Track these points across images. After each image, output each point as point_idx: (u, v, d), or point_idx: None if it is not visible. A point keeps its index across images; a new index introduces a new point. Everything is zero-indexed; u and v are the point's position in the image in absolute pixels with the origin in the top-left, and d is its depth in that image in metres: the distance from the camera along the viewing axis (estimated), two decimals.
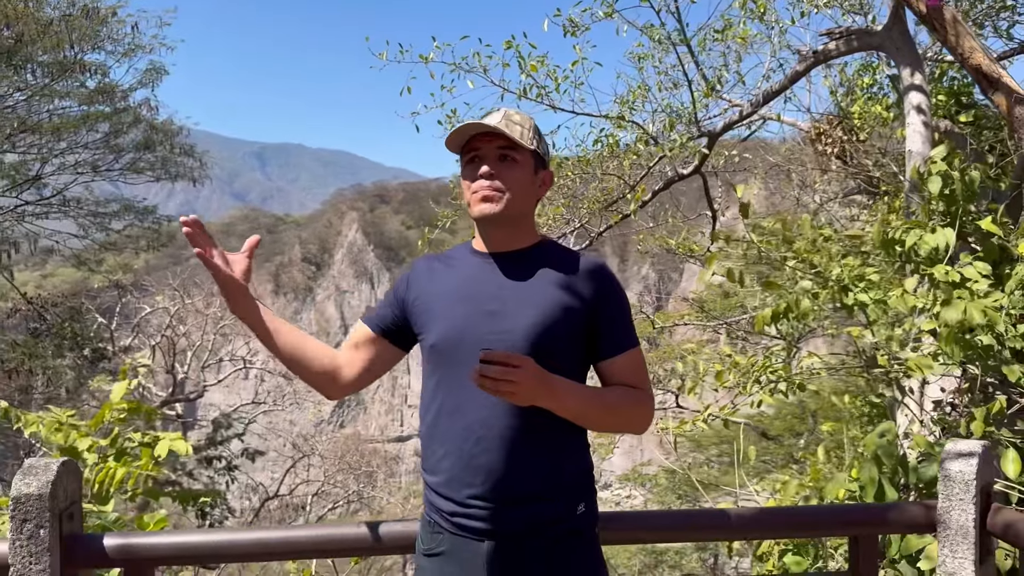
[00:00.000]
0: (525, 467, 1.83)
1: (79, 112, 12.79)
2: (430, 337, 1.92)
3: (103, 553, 2.18)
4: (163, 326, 18.33)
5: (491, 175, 1.88)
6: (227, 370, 22.32)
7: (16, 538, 2.06)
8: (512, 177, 1.89)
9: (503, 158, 1.89)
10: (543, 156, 1.97)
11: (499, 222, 1.91)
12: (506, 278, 1.91)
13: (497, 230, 1.93)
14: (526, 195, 1.92)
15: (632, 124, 6.93)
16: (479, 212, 1.89)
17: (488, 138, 1.89)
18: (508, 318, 1.85)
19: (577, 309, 1.86)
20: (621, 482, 18.92)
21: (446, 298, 1.93)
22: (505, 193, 1.88)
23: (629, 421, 1.90)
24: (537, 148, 1.93)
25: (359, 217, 75.22)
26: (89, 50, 11.60)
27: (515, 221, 1.92)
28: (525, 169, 1.91)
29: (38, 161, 13.20)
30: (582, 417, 1.83)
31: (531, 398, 1.71)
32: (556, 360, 1.80)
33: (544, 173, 1.98)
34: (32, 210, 13.52)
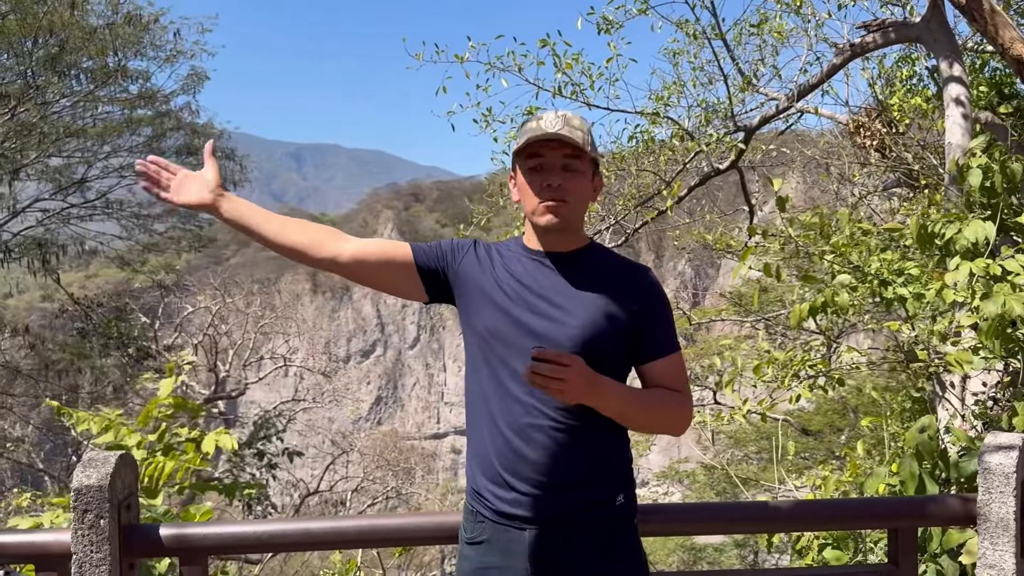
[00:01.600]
0: (567, 458, 1.89)
1: (122, 117, 13.08)
2: (480, 322, 1.97)
3: (159, 542, 2.26)
4: (205, 325, 18.65)
5: (558, 186, 1.91)
6: (267, 368, 22.65)
7: (78, 527, 2.15)
8: (575, 188, 1.93)
9: (567, 168, 1.92)
10: (597, 161, 2.02)
11: (561, 231, 1.97)
12: (559, 278, 1.96)
13: (556, 236, 1.98)
14: (585, 203, 1.99)
15: (667, 120, 6.93)
16: (546, 223, 1.93)
17: (553, 144, 1.92)
18: (559, 317, 1.91)
19: (623, 312, 1.92)
20: (659, 479, 18.86)
21: (501, 290, 1.97)
22: (569, 204, 1.93)
23: (668, 422, 1.97)
24: (594, 154, 1.98)
25: (394, 216, 75.66)
26: (132, 56, 11.88)
27: (573, 228, 1.98)
28: (585, 178, 1.96)
29: (83, 165, 13.53)
30: (624, 417, 1.90)
31: (579, 396, 1.78)
32: (602, 361, 1.86)
33: (598, 178, 2.03)
34: (77, 212, 13.86)
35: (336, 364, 63.45)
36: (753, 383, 5.29)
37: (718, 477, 16.06)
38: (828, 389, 5.14)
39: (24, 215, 13.26)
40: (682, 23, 7.02)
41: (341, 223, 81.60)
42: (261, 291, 27.55)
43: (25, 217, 13.29)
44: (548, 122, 1.93)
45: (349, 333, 70.56)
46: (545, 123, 1.93)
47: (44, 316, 22.73)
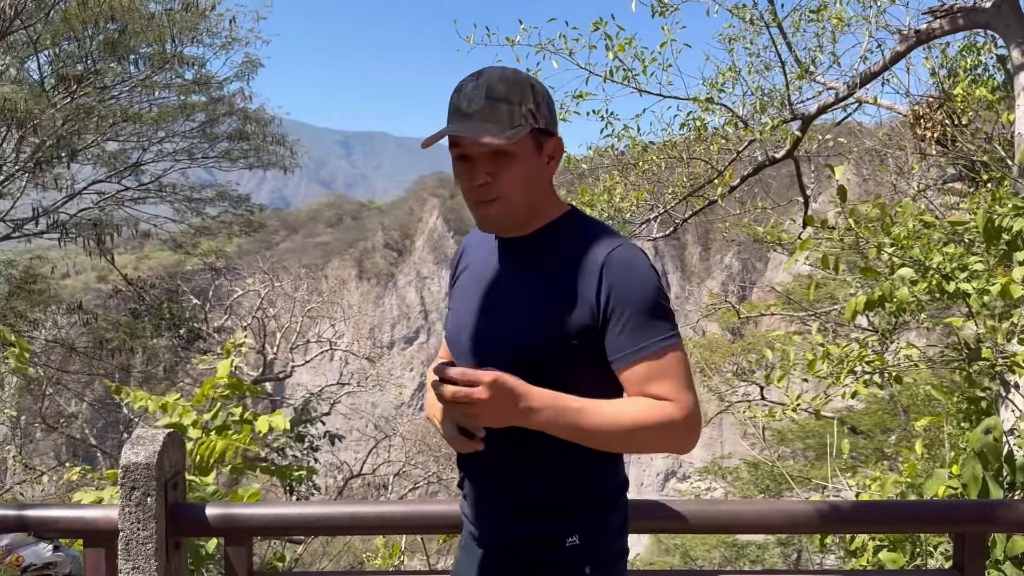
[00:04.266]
0: (508, 482, 1.65)
1: (177, 102, 13.31)
2: (446, 329, 1.75)
3: (205, 522, 2.26)
4: (254, 308, 18.93)
5: (483, 185, 1.55)
6: (313, 352, 22.91)
7: (125, 504, 2.16)
8: (508, 180, 1.55)
9: (497, 154, 1.53)
10: (544, 124, 1.57)
11: (502, 230, 1.64)
12: (511, 268, 1.65)
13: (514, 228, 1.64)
14: (532, 186, 1.58)
15: (721, 107, 6.79)
16: (481, 225, 1.63)
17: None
18: (496, 316, 1.63)
19: (576, 306, 1.54)
20: (701, 474, 18.67)
21: (463, 285, 1.76)
22: (503, 200, 1.57)
23: (654, 441, 1.53)
24: (536, 122, 1.54)
25: (440, 204, 75.98)
26: (188, 43, 12.07)
27: (518, 219, 1.61)
28: (525, 158, 1.55)
29: (138, 149, 13.82)
30: (580, 438, 1.51)
31: (498, 420, 1.46)
32: (545, 369, 1.52)
33: (550, 143, 1.59)
34: (131, 195, 14.16)
35: (380, 350, 64.10)
36: (804, 378, 5.15)
37: (762, 474, 15.83)
38: (883, 386, 4.98)
39: (80, 197, 13.60)
40: (738, 8, 6.85)
41: (389, 210, 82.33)
42: (308, 276, 27.86)
43: (81, 199, 13.62)
44: (464, 103, 1.53)
45: (393, 319, 71.19)
46: (461, 104, 1.53)
47: (99, 296, 23.33)
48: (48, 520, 2.26)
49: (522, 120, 1.53)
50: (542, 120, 1.57)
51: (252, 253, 31.54)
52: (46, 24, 10.86)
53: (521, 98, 1.54)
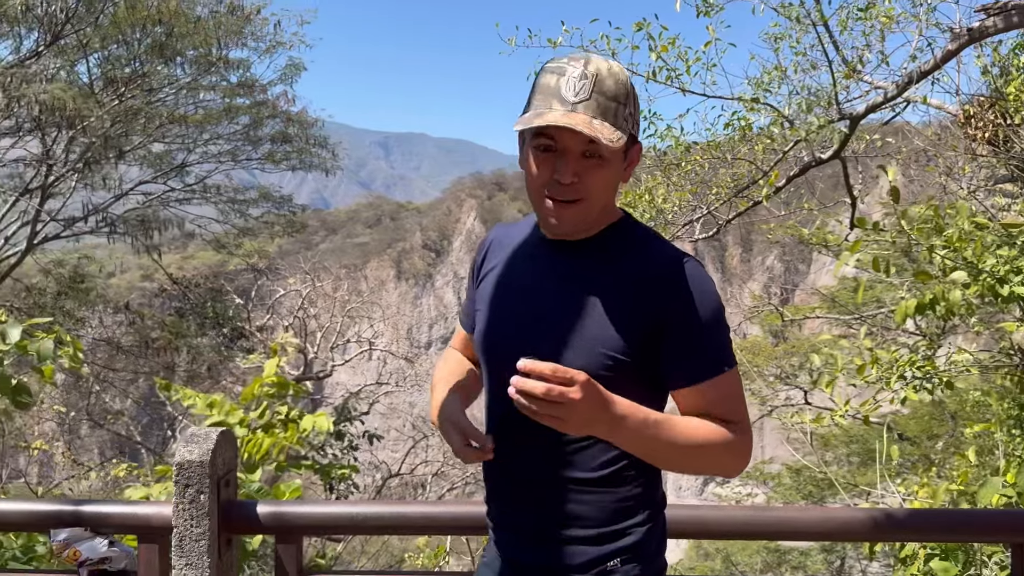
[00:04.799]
0: (544, 503, 1.56)
1: (222, 105, 13.52)
2: (476, 332, 1.66)
3: (257, 520, 2.28)
4: (295, 308, 19.15)
5: (571, 184, 1.45)
6: (352, 351, 23.10)
7: (179, 501, 2.18)
8: (596, 182, 1.46)
9: (588, 154, 1.44)
10: (633, 131, 1.49)
11: (582, 230, 1.53)
12: (550, 273, 1.54)
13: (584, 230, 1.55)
14: (610, 193, 1.52)
15: (767, 106, 6.70)
16: (550, 229, 1.52)
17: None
18: (542, 328, 1.51)
19: (637, 320, 1.45)
20: (742, 480, 18.46)
21: (497, 285, 1.64)
22: (584, 203, 1.47)
23: (715, 463, 1.50)
24: (633, 128, 1.48)
25: (477, 204, 76.18)
26: (233, 46, 12.25)
27: (585, 225, 1.52)
28: (615, 163, 1.47)
29: (183, 151, 14.06)
30: (650, 454, 1.45)
31: (584, 427, 1.36)
32: (607, 384, 1.39)
33: (634, 150, 1.52)
34: (176, 196, 14.41)
35: (418, 350, 64.42)
36: (852, 382, 5.07)
37: (804, 479, 15.59)
38: (933, 392, 4.88)
39: (127, 197, 13.89)
40: (784, 7, 6.75)
41: (427, 211, 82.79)
42: (348, 276, 28.14)
43: (127, 200, 13.90)
44: (568, 91, 1.41)
45: (431, 320, 71.51)
46: (565, 92, 1.41)
47: (144, 295, 23.80)
48: (104, 516, 2.30)
49: (624, 123, 1.45)
50: (636, 126, 1.51)
51: (293, 253, 31.90)
52: (95, 28, 11.10)
53: (627, 100, 1.46)
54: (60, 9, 10.38)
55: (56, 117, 10.02)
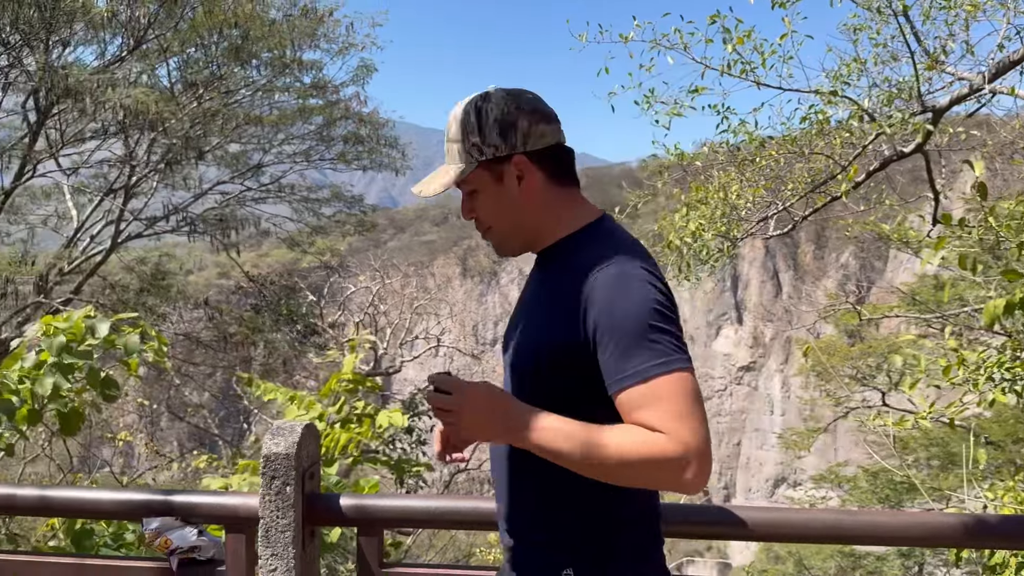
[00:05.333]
0: (510, 505, 1.64)
1: (296, 106, 13.82)
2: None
3: (340, 512, 2.32)
4: (365, 304, 19.47)
5: (472, 219, 1.65)
6: (420, 348, 23.38)
7: (266, 493, 2.23)
8: (484, 209, 1.62)
9: (467, 192, 1.62)
10: (493, 153, 1.57)
11: (509, 254, 1.69)
12: (531, 283, 1.68)
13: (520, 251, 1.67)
14: (512, 212, 1.60)
15: (845, 99, 6.51)
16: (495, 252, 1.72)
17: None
18: (514, 333, 1.64)
19: (567, 327, 1.47)
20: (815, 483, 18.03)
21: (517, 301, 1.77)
22: (492, 228, 1.63)
23: (638, 474, 1.40)
24: (481, 155, 1.56)
25: None
26: (307, 48, 12.50)
27: (520, 241, 1.64)
28: (487, 191, 1.59)
29: (259, 151, 14.42)
30: (560, 459, 1.43)
31: (475, 433, 1.46)
32: (548, 389, 1.49)
33: (508, 167, 1.57)
34: (252, 195, 14.79)
35: (483, 346, 64.79)
36: (934, 383, 4.89)
37: (881, 483, 15.14)
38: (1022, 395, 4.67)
39: (205, 197, 14.33)
40: None
41: None
42: (415, 273, 28.45)
43: (205, 199, 14.34)
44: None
45: (496, 317, 71.77)
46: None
47: (220, 292, 24.49)
48: (193, 506, 2.36)
49: (468, 157, 1.57)
50: (490, 150, 1.57)
51: (362, 251, 32.45)
52: (175, 32, 11.46)
53: (465, 133, 1.58)
54: (143, 15, 10.75)
55: (139, 120, 10.38)
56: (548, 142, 1.60)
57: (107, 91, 9.91)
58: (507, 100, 1.58)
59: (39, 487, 2.74)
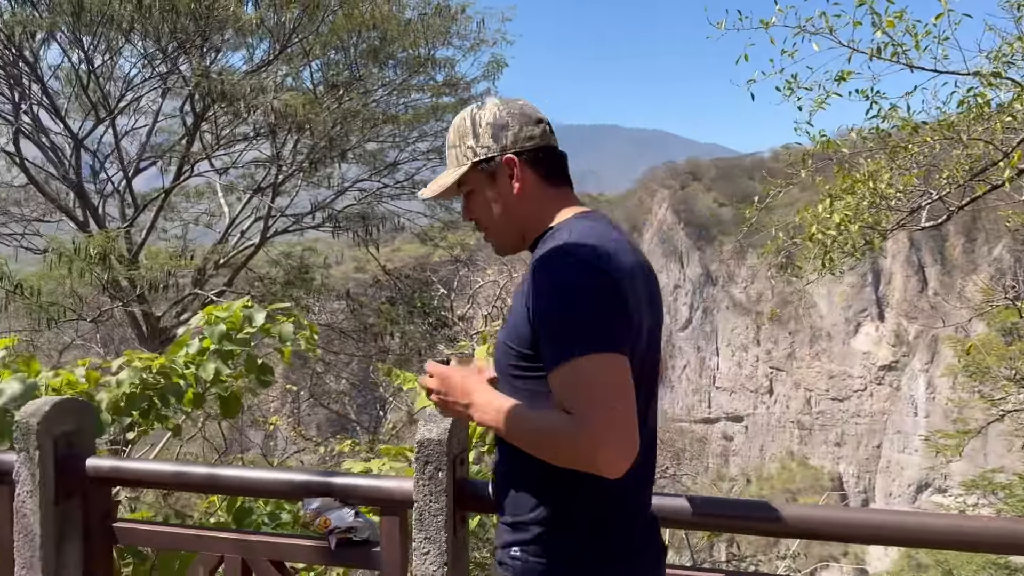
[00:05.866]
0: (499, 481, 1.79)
1: (429, 104, 14.17)
2: None
3: (488, 499, 2.34)
4: (492, 297, 19.71)
5: (470, 219, 1.80)
6: None
7: (419, 478, 2.30)
8: (479, 210, 1.76)
9: (467, 196, 1.77)
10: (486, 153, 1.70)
11: (507, 252, 1.83)
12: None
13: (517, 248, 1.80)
14: (506, 211, 1.72)
15: (1008, 81, 6.05)
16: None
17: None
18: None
19: (521, 316, 1.59)
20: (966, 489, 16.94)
21: None
22: (488, 228, 1.78)
23: (553, 451, 1.51)
24: (475, 156, 1.70)
25: (670, 195, 74.71)
26: (440, 46, 12.79)
27: (513, 239, 1.77)
28: (480, 192, 1.73)
29: (394, 149, 14.88)
30: (507, 438, 1.61)
31: (449, 410, 1.70)
32: (504, 375, 1.66)
33: (501, 167, 1.70)
34: (388, 192, 15.29)
35: None
36: None
37: None
38: None
39: (345, 194, 14.94)
40: None
41: (617, 203, 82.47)
42: None
43: (345, 196, 14.94)
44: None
45: None
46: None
47: (358, 285, 25.45)
48: (352, 488, 2.45)
49: (464, 159, 1.71)
50: (483, 151, 1.69)
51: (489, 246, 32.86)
52: (317, 36, 11.97)
53: (461, 138, 1.72)
54: (288, 20, 11.29)
55: (287, 122, 10.92)
56: (538, 143, 1.70)
57: (258, 95, 10.47)
58: (499, 106, 1.72)
59: (208, 466, 2.93)
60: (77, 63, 11.84)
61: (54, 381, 3.53)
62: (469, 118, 1.73)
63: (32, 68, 11.58)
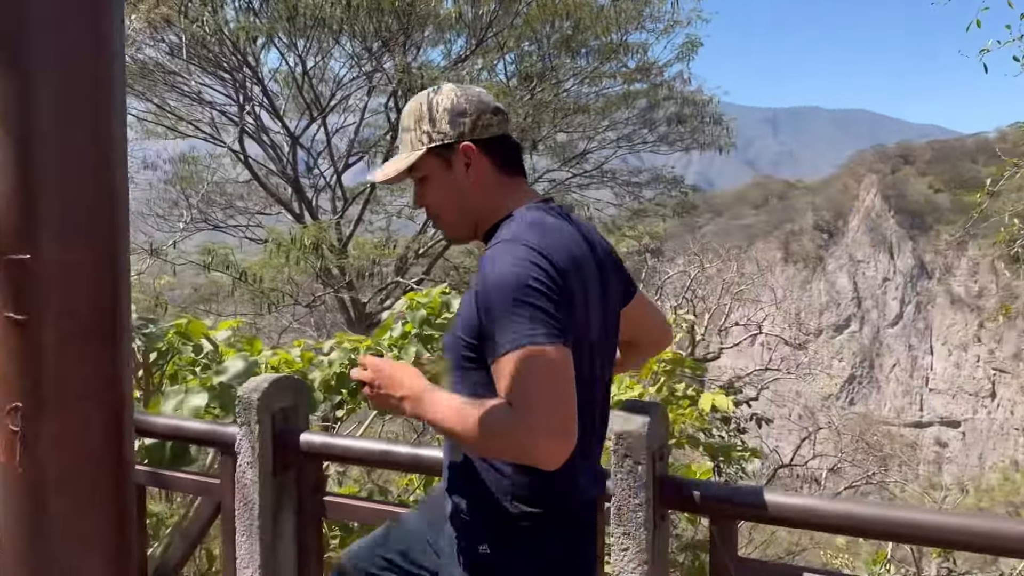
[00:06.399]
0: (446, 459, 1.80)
1: (620, 91, 14.03)
2: None
3: (691, 498, 2.23)
4: (682, 289, 19.33)
5: (421, 206, 1.77)
6: (737, 335, 22.70)
7: (618, 471, 2.22)
8: (431, 196, 1.74)
9: (419, 181, 1.74)
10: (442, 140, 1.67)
11: (457, 240, 1.85)
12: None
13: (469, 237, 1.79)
14: (458, 198, 1.71)
15: None
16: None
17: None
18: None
19: (471, 307, 1.58)
20: None
21: None
22: (440, 216, 1.77)
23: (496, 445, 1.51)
24: (431, 141, 1.67)
25: (878, 180, 69.56)
26: (632, 31, 12.61)
27: (466, 227, 1.76)
28: (435, 177, 1.71)
29: (584, 139, 14.87)
30: (446, 433, 1.61)
31: (383, 404, 1.68)
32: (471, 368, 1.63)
33: (457, 154, 1.67)
34: (577, 182, 15.32)
35: (806, 336, 61.25)
36: None
37: None
38: None
39: (535, 185, 15.11)
40: None
41: (819, 189, 78.19)
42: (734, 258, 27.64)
43: (536, 186, 15.10)
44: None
45: (821, 306, 67.43)
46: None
47: None
48: None
49: (419, 144, 1.68)
50: (440, 137, 1.67)
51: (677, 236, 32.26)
52: (511, 29, 12.17)
53: (416, 122, 1.69)
54: (484, 14, 11.55)
55: None
56: (494, 132, 1.70)
57: None
58: (456, 92, 1.70)
59: (412, 446, 3.01)
60: (293, 65, 12.78)
61: (273, 360, 3.78)
62: (426, 103, 1.71)
63: (254, 72, 12.62)
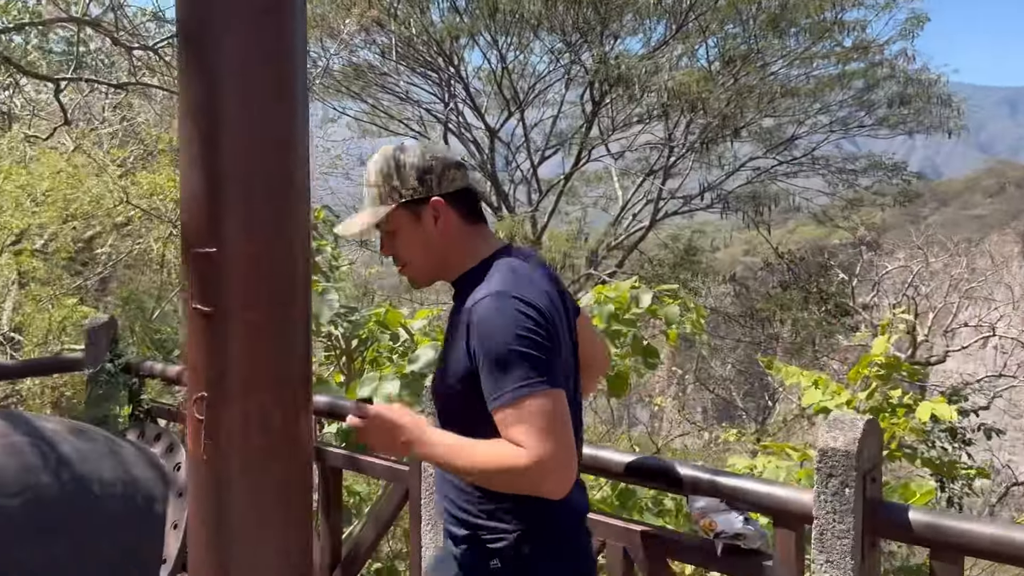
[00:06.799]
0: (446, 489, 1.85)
1: (834, 71, 13.12)
2: None
3: (907, 526, 1.98)
4: (902, 285, 17.88)
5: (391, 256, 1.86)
6: (967, 337, 20.65)
7: (821, 492, 2.02)
8: (401, 247, 1.82)
9: (388, 233, 1.82)
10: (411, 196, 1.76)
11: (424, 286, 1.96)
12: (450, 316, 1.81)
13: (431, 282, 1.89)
14: (426, 249, 1.80)
15: None
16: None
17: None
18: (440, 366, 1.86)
19: (462, 354, 1.68)
20: None
21: None
22: (408, 266, 1.85)
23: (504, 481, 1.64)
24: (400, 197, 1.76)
25: None
26: (849, 7, 11.74)
27: (433, 275, 1.86)
28: (405, 230, 1.79)
29: (793, 124, 14.05)
30: (451, 470, 1.71)
31: (384, 449, 1.81)
32: (458, 411, 1.74)
33: (426, 208, 1.76)
34: (784, 170, 14.52)
35: None
36: None
37: None
38: None
39: (736, 174, 14.51)
40: None
41: None
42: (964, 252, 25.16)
43: (736, 176, 14.51)
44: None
45: None
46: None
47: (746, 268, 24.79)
48: (739, 491, 2.24)
49: (388, 199, 1.77)
50: (409, 193, 1.75)
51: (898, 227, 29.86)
52: (713, 11, 11.71)
53: (385, 179, 1.77)
54: None
55: (680, 102, 10.87)
56: (459, 185, 1.79)
57: (652, 76, 10.56)
58: (422, 150, 1.80)
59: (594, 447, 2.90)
60: (494, 63, 13.06)
61: None
62: (393, 160, 1.79)
63: (457, 70, 13.04)
